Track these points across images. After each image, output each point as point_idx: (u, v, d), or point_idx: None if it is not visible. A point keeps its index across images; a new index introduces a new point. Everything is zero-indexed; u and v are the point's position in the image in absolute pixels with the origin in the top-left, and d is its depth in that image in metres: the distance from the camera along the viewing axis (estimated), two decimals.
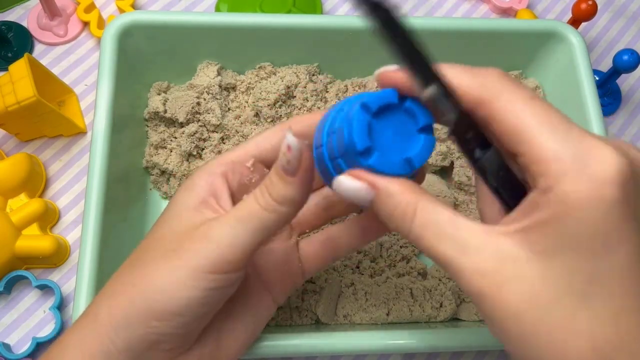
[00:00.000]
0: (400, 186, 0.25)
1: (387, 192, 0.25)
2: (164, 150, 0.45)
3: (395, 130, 0.27)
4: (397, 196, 0.25)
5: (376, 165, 0.26)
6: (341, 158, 0.27)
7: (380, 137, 0.26)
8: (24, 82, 0.42)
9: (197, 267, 0.26)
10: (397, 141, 0.27)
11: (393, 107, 0.26)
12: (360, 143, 0.25)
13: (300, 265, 0.33)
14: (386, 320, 0.40)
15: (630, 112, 0.55)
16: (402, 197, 0.25)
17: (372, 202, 0.25)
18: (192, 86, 0.46)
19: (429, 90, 0.24)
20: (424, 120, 0.26)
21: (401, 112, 0.27)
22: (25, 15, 0.53)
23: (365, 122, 0.26)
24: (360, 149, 0.25)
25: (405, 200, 0.24)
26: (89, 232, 0.37)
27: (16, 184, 0.44)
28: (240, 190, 0.30)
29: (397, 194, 0.25)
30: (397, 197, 0.25)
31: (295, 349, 0.35)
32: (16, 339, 0.42)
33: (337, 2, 0.56)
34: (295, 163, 0.25)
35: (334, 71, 0.48)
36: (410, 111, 0.26)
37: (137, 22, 0.43)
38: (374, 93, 0.26)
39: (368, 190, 0.25)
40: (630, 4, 0.59)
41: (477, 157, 0.25)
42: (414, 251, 0.44)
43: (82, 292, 0.35)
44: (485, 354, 0.45)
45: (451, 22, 0.45)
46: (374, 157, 0.26)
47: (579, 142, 0.22)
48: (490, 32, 0.46)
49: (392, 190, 0.25)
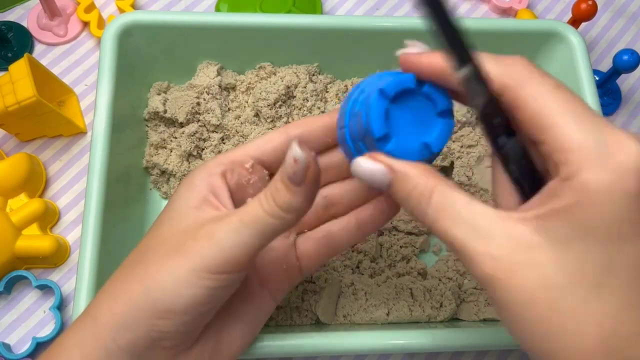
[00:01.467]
0: (418, 170, 0.25)
1: (405, 176, 0.25)
2: (164, 150, 0.45)
3: (414, 115, 0.27)
4: (414, 179, 0.25)
5: (394, 151, 0.26)
6: (361, 141, 0.28)
7: (399, 123, 0.27)
8: (24, 82, 0.42)
9: (200, 267, 0.26)
10: (415, 126, 0.27)
11: (411, 91, 0.27)
12: (377, 130, 0.26)
13: (298, 263, 0.33)
14: (386, 320, 0.40)
15: (630, 112, 0.55)
16: (420, 180, 0.25)
17: (389, 185, 0.26)
18: (192, 86, 0.46)
19: (463, 70, 0.24)
20: (442, 104, 0.27)
21: (419, 96, 0.27)
22: (25, 15, 0.53)
23: (382, 109, 0.26)
24: (377, 136, 0.26)
25: (423, 184, 0.25)
26: (89, 232, 0.37)
27: (16, 184, 0.44)
28: (238, 190, 0.30)
29: (415, 177, 0.25)
30: (415, 180, 0.25)
31: (295, 349, 0.35)
32: (16, 339, 0.42)
33: (337, 2, 0.56)
34: (301, 175, 0.25)
35: (334, 71, 0.48)
36: (428, 96, 0.27)
37: (137, 22, 0.43)
38: (392, 77, 0.27)
39: (386, 173, 0.26)
40: (630, 4, 0.59)
41: (501, 144, 0.25)
42: (414, 251, 0.44)
43: (82, 292, 0.35)
44: (485, 354, 0.45)
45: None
46: (392, 143, 0.26)
47: (602, 132, 0.22)
48: (490, 32, 0.46)
49: (410, 173, 0.25)
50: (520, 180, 0.25)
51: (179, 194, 0.30)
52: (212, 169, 0.30)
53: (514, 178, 0.25)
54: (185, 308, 0.27)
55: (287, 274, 0.33)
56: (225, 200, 0.29)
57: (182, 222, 0.29)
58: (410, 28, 0.45)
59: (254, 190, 0.31)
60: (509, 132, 0.25)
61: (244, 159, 0.31)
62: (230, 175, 0.30)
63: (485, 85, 0.24)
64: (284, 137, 0.31)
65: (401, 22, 0.45)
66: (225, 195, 0.30)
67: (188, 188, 0.30)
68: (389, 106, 0.26)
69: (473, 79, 0.24)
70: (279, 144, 0.31)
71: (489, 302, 0.42)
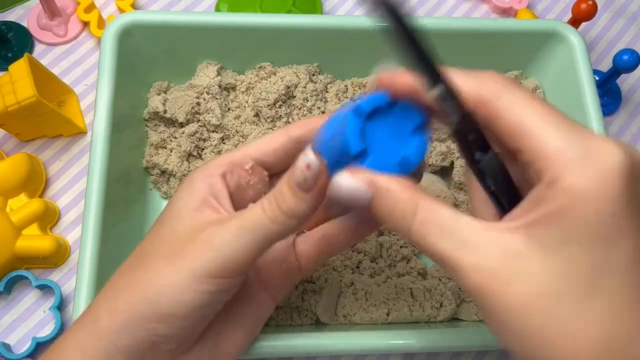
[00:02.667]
0: (400, 184, 0.25)
1: (387, 190, 0.25)
2: (164, 151, 0.45)
3: (390, 132, 0.27)
4: (397, 194, 0.24)
5: (372, 167, 0.26)
6: (337, 165, 0.26)
7: (375, 140, 0.26)
8: (24, 82, 0.42)
9: (200, 272, 0.26)
10: (392, 142, 0.27)
11: (386, 109, 0.26)
12: (354, 147, 0.25)
13: (297, 263, 0.33)
14: (386, 320, 0.40)
15: (630, 112, 0.55)
16: (403, 194, 0.24)
17: (371, 202, 0.25)
18: (192, 86, 0.46)
19: (435, 90, 0.24)
20: (417, 120, 0.27)
21: (395, 113, 0.27)
22: (25, 15, 0.53)
23: (357, 126, 0.26)
24: (354, 153, 0.25)
25: (406, 198, 0.24)
26: (89, 232, 0.37)
27: (16, 184, 0.44)
28: (238, 191, 0.30)
29: (397, 191, 0.24)
30: (397, 195, 0.24)
31: (295, 349, 0.35)
32: (16, 339, 0.42)
33: (337, 2, 0.56)
34: (312, 182, 0.25)
35: (334, 71, 0.48)
36: (403, 112, 0.27)
37: (137, 22, 0.43)
38: (366, 97, 0.26)
39: (367, 189, 0.25)
40: (630, 4, 0.59)
41: (477, 160, 0.25)
42: (414, 251, 0.44)
43: (82, 292, 0.35)
44: (485, 354, 0.45)
45: (451, 22, 0.45)
46: (369, 159, 0.26)
47: (582, 138, 0.22)
48: (490, 32, 0.46)
49: (392, 188, 0.24)
50: (498, 194, 0.25)
51: (178, 195, 0.30)
52: (212, 170, 0.30)
53: (491, 192, 0.25)
54: (185, 313, 0.27)
55: (286, 273, 0.33)
56: (225, 202, 0.29)
57: (181, 224, 0.28)
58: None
59: (254, 192, 0.31)
60: (483, 147, 0.25)
61: (244, 160, 0.31)
62: (230, 176, 0.30)
63: (457, 103, 0.24)
64: (285, 138, 0.31)
65: None
66: (225, 197, 0.30)
67: (188, 189, 0.30)
68: (364, 124, 0.26)
69: (445, 97, 0.24)
70: (279, 145, 0.31)
71: None
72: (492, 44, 0.47)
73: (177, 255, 0.27)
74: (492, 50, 0.47)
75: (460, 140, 0.25)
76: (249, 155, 0.31)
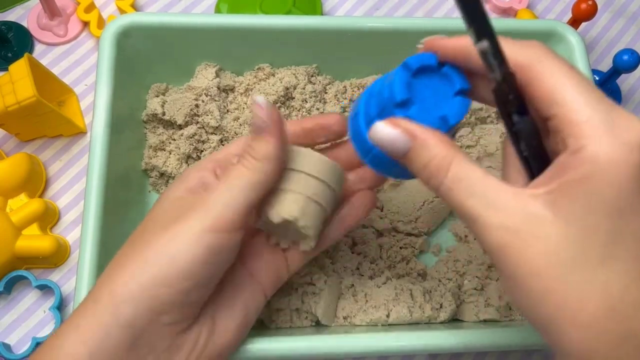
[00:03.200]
0: (437, 138, 0.26)
1: (425, 143, 0.26)
2: (163, 153, 0.45)
3: (433, 92, 0.28)
4: (434, 148, 0.26)
5: (414, 118, 0.27)
6: (378, 117, 0.28)
7: (419, 95, 0.28)
8: (24, 82, 0.42)
9: (198, 228, 0.28)
10: (434, 101, 0.28)
11: (432, 70, 0.28)
12: (399, 94, 0.27)
13: (285, 261, 0.35)
14: (386, 321, 0.40)
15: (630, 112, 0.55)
16: (440, 149, 0.25)
17: (408, 153, 0.26)
18: (190, 88, 0.45)
19: (483, 43, 0.24)
20: (460, 84, 0.28)
21: (440, 75, 0.28)
22: (25, 15, 0.53)
23: (405, 78, 0.28)
24: (398, 100, 0.27)
25: (443, 153, 0.25)
26: (89, 232, 0.37)
27: (16, 184, 0.44)
28: None
29: (435, 145, 0.26)
30: (435, 149, 0.25)
31: (295, 351, 0.35)
32: (16, 339, 0.43)
33: (337, 2, 0.56)
34: (268, 119, 0.29)
35: (333, 72, 0.48)
36: (447, 76, 0.28)
37: (135, 24, 0.43)
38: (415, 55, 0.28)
39: (406, 139, 0.26)
40: (630, 4, 0.59)
41: (514, 122, 0.25)
42: (414, 252, 0.44)
43: (82, 292, 0.35)
44: (485, 355, 0.45)
45: (451, 22, 0.45)
46: (412, 110, 0.28)
47: (610, 110, 0.23)
48: None
49: (430, 141, 0.26)
50: (530, 159, 0.26)
51: (171, 186, 0.33)
52: (203, 166, 0.33)
53: (523, 157, 0.26)
54: (185, 272, 0.28)
55: (275, 271, 0.34)
56: None
57: (177, 200, 0.31)
58: (410, 28, 0.45)
59: None
60: (521, 110, 0.25)
61: (229, 158, 0.33)
62: (220, 171, 0.32)
63: (501, 60, 0.25)
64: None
65: (401, 23, 0.45)
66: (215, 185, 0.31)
67: (180, 181, 0.32)
68: (410, 79, 0.28)
69: (491, 52, 0.24)
70: None
71: (489, 303, 0.42)
72: None
73: (175, 221, 0.29)
74: None
75: (500, 99, 0.25)
76: (232, 154, 0.33)
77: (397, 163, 0.28)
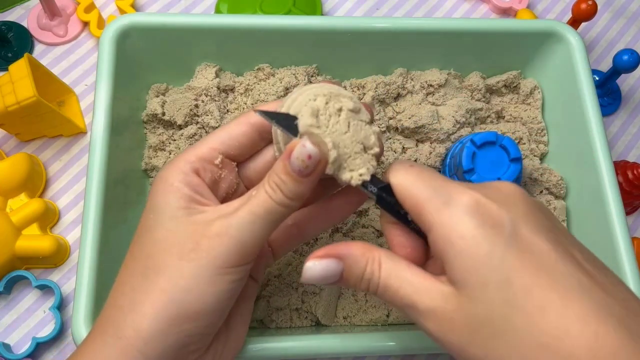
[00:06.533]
0: (361, 246, 0.28)
1: (353, 256, 0.28)
2: (163, 153, 0.45)
3: (493, 159, 0.41)
4: (364, 255, 0.28)
5: (476, 181, 0.36)
6: (455, 175, 0.42)
7: (481, 163, 0.41)
8: (24, 82, 0.42)
9: (221, 263, 0.28)
10: (493, 166, 0.41)
11: (492, 143, 0.41)
12: (466, 164, 0.40)
13: (270, 249, 0.35)
14: (386, 321, 0.40)
15: (630, 112, 0.55)
16: (368, 254, 0.28)
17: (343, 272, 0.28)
18: (190, 88, 0.45)
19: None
20: (514, 153, 0.41)
21: (498, 147, 0.41)
22: (25, 15, 0.53)
23: (470, 151, 0.41)
24: (465, 169, 0.40)
25: (372, 257, 0.28)
26: (89, 232, 0.37)
27: (16, 184, 0.44)
28: (212, 185, 0.31)
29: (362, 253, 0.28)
30: (365, 256, 0.28)
31: (295, 351, 0.35)
32: (16, 339, 0.43)
33: (337, 2, 0.56)
34: (312, 168, 0.28)
35: (333, 72, 0.48)
36: (504, 147, 0.41)
37: (135, 24, 0.42)
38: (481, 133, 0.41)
39: (337, 262, 0.28)
40: (630, 4, 0.59)
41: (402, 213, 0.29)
42: None
43: (82, 292, 0.35)
44: None
45: (451, 22, 0.45)
46: (475, 176, 0.40)
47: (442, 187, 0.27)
48: (489, 32, 0.46)
49: (356, 251, 0.28)
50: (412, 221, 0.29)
51: (157, 198, 0.30)
52: (182, 168, 0.30)
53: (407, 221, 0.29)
54: (211, 307, 0.28)
55: (261, 258, 0.34)
56: (209, 196, 0.30)
57: (179, 224, 0.29)
58: (410, 28, 0.45)
59: (226, 184, 0.32)
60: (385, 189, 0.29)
61: (212, 154, 0.31)
62: (204, 172, 0.31)
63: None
64: (246, 127, 0.32)
65: (401, 23, 0.45)
66: (207, 191, 0.30)
67: (166, 190, 0.30)
68: (476, 151, 0.41)
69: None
70: (242, 135, 0.32)
71: None
72: (492, 44, 0.47)
73: (193, 252, 0.28)
74: (492, 50, 0.47)
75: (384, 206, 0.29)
76: (215, 149, 0.31)
77: None
